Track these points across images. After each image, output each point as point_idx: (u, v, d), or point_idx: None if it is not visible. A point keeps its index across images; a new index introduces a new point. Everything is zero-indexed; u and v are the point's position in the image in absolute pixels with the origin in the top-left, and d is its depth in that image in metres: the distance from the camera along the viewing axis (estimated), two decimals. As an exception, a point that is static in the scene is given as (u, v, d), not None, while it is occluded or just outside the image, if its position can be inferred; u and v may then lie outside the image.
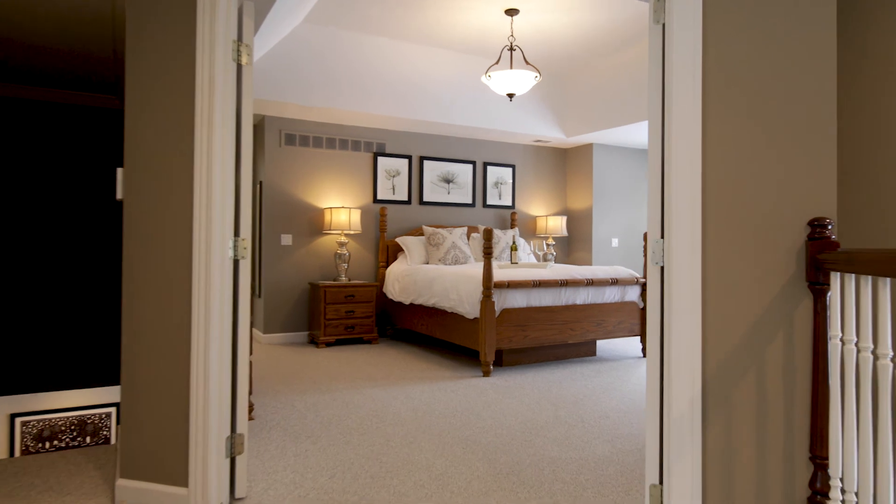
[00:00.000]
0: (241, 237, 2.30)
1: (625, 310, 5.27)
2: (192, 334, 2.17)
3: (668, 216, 1.76)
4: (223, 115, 2.20)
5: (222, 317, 2.21)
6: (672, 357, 1.70)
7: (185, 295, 2.19)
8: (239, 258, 2.30)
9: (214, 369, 2.18)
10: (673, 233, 1.71)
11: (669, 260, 1.73)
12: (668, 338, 1.72)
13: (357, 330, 5.93)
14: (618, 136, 6.99)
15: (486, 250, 4.56)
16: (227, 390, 2.24)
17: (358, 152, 6.45)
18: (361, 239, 6.46)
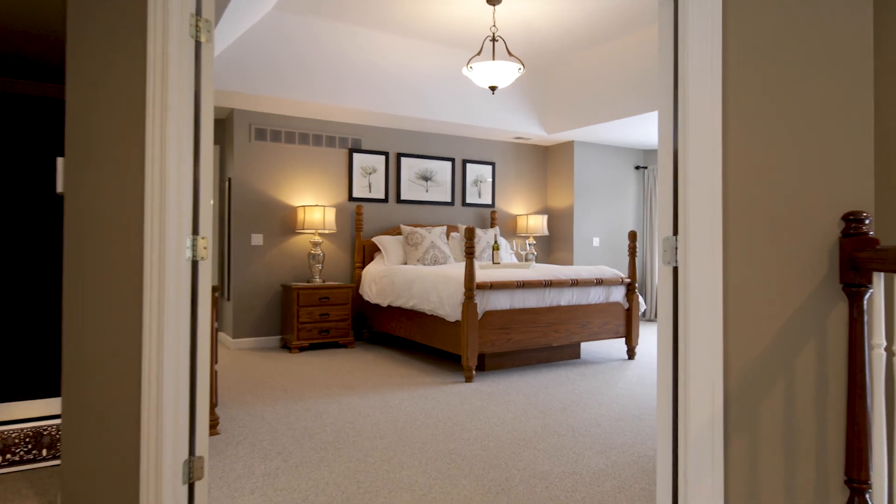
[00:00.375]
0: (200, 236, 2.05)
1: (610, 311, 5.12)
2: (143, 344, 1.91)
3: (683, 211, 1.57)
4: (179, 98, 1.95)
5: (178, 324, 1.96)
6: (690, 368, 1.51)
7: (136, 300, 1.93)
8: (198, 259, 2.05)
9: (169, 384, 1.92)
10: (690, 229, 1.52)
11: (685, 260, 1.54)
12: (685, 347, 1.53)
13: (332, 334, 5.67)
14: (599, 133, 6.85)
15: (468, 250, 4.35)
16: (184, 408, 1.99)
17: (332, 148, 6.19)
18: (336, 239, 6.20)
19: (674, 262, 1.63)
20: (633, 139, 7.27)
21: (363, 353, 5.53)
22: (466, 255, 4.35)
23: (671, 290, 1.64)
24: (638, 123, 6.36)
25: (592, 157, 7.49)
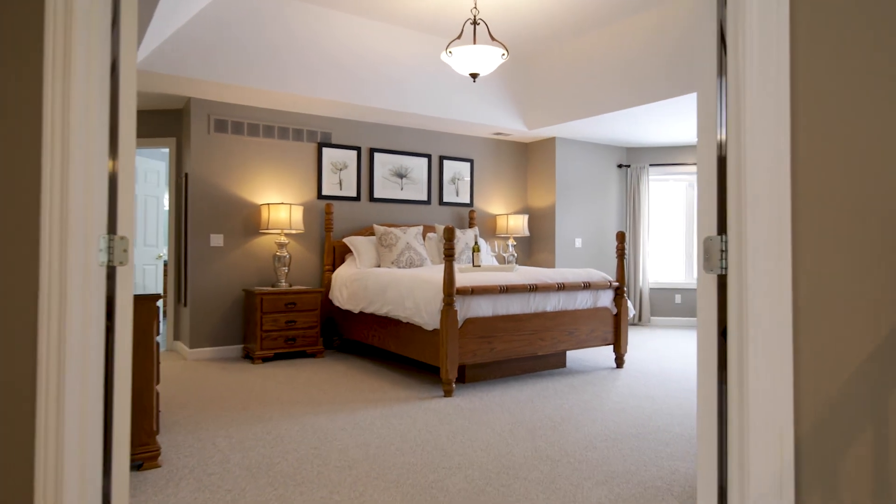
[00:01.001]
0: (118, 235, 1.64)
1: (598, 316, 4.80)
2: (38, 371, 1.49)
3: (735, 203, 1.22)
4: (89, 58, 1.54)
5: (87, 345, 1.54)
6: (749, 409, 1.16)
7: (30, 315, 1.51)
8: (115, 264, 1.63)
9: (72, 423, 1.51)
10: (748, 226, 1.18)
11: (741, 265, 1.19)
12: (740, 379, 1.18)
13: (299, 342, 5.24)
14: (582, 129, 6.55)
15: (447, 252, 3.98)
16: (95, 448, 1.57)
17: (300, 142, 5.75)
18: (304, 239, 5.77)
19: (719, 268, 1.28)
20: (615, 136, 6.99)
21: (333, 363, 5.11)
22: (445, 257, 3.97)
23: (715, 305, 1.29)
24: (622, 119, 6.07)
25: (574, 154, 7.19)
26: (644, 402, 3.81)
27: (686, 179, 7.67)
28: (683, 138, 7.13)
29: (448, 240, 3.98)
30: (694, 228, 7.67)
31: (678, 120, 6.08)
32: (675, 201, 7.78)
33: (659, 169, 7.66)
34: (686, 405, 3.75)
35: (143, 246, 6.39)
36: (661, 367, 4.98)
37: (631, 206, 7.62)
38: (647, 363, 5.13)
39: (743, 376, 1.17)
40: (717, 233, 1.30)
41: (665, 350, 5.79)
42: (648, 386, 4.28)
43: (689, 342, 6.25)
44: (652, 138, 7.12)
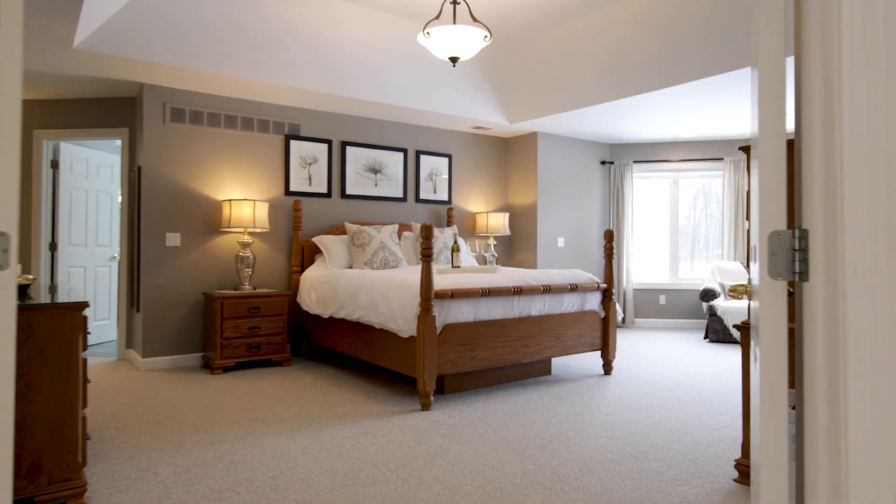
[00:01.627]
0: (-6, 229, 1.25)
1: (585, 321, 4.50)
2: None
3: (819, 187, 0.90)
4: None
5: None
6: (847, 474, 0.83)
7: None
8: (-9, 268, 1.25)
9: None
10: (845, 217, 0.85)
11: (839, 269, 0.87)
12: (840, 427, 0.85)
13: (264, 350, 4.83)
14: (564, 123, 6.26)
15: (425, 252, 3.63)
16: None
17: (266, 134, 5.34)
18: (270, 239, 5.36)
19: (789, 273, 0.96)
20: (599, 131, 6.72)
21: (301, 372, 4.72)
22: (423, 257, 3.63)
23: (784, 319, 0.97)
24: (606, 113, 5.80)
25: (556, 150, 6.91)
26: (639, 416, 3.52)
27: (670, 177, 7.44)
28: (668, 134, 6.90)
29: (426, 238, 3.63)
30: (680, 226, 7.46)
31: (665, 114, 5.84)
32: (659, 200, 7.56)
33: (643, 166, 7.42)
34: (685, 419, 3.47)
35: (95, 246, 5.90)
36: (651, 373, 4.70)
37: (614, 204, 7.37)
38: (636, 369, 4.86)
39: (843, 419, 0.85)
40: (786, 226, 0.97)
41: (652, 354, 5.53)
42: (640, 395, 3.99)
43: (676, 345, 6.00)
44: (636, 134, 6.88)
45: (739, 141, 7.19)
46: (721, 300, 6.36)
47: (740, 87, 4.86)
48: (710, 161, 7.24)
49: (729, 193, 7.06)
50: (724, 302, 6.25)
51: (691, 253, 7.49)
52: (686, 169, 7.34)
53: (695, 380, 4.46)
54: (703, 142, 7.28)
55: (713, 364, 5.07)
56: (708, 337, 6.24)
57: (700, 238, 7.48)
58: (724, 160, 7.10)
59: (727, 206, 7.06)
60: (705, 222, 7.47)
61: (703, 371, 4.78)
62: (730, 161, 7.06)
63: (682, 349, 5.81)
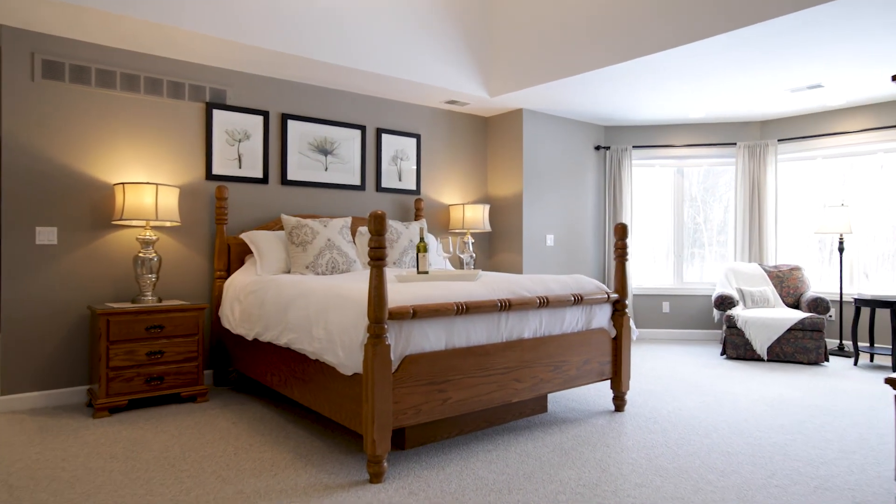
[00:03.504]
0: None
1: (592, 342, 3.44)
2: None
3: None
4: None
5: None
6: None
7: None
8: None
9: None
10: None
11: None
12: None
13: (169, 382, 3.66)
14: (554, 98, 5.19)
15: (375, 253, 2.51)
16: None
17: (180, 100, 4.16)
18: (185, 235, 4.18)
19: None
20: (593, 110, 5.68)
21: (217, 413, 3.56)
22: (373, 261, 2.51)
23: None
24: (601, 85, 4.75)
25: (545, 131, 5.84)
26: (681, 486, 2.45)
27: (673, 164, 6.45)
28: (672, 114, 5.89)
29: (377, 233, 2.51)
30: (685, 222, 6.47)
31: (669, 88, 4.81)
32: (662, 191, 6.56)
33: (643, 152, 6.41)
34: (745, 490, 2.41)
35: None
36: (673, 408, 3.66)
37: (610, 195, 6.34)
38: (653, 401, 3.81)
39: None
40: None
41: (666, 377, 4.49)
42: (672, 447, 2.94)
43: (690, 364, 4.99)
44: (635, 114, 5.86)
45: (755, 123, 6.22)
46: (740, 309, 5.37)
47: (763, 48, 3.85)
48: (721, 146, 6.26)
49: (743, 184, 6.09)
50: (744, 311, 5.26)
51: (698, 253, 6.51)
52: (693, 155, 6.35)
53: (734, 418, 3.43)
54: (714, 124, 6.29)
55: (747, 392, 4.05)
56: (726, 353, 5.25)
57: (709, 236, 6.50)
58: (738, 145, 6.12)
59: (741, 199, 6.09)
60: (715, 217, 6.49)
61: (740, 403, 3.76)
62: (744, 146, 6.09)
63: (700, 369, 4.79)
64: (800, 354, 4.99)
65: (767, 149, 5.98)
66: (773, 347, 5.06)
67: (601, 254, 6.37)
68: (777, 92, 5.04)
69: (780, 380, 4.41)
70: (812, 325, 4.94)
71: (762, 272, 5.71)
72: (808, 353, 4.97)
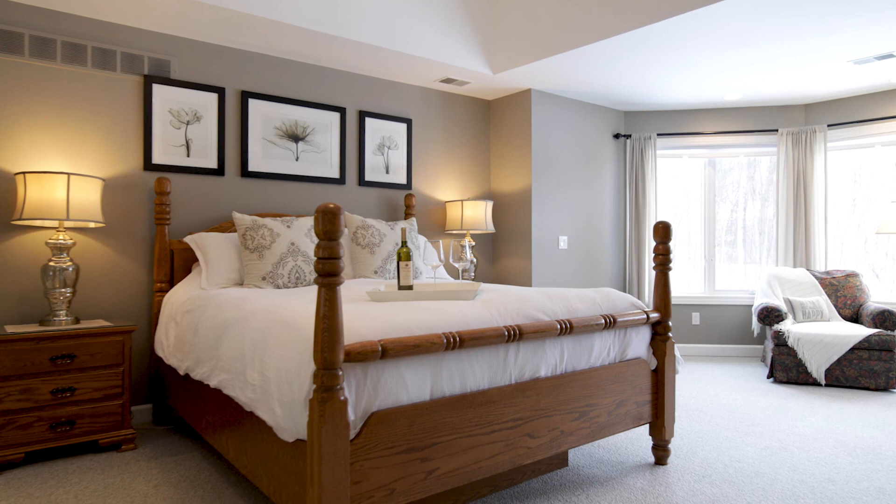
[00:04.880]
0: None
1: (628, 378, 2.63)
2: None
3: None
4: None
5: None
6: None
7: None
8: None
9: None
10: None
11: None
12: None
13: (82, 427, 2.86)
14: (567, 76, 4.38)
15: (323, 266, 1.70)
16: None
17: (110, 72, 3.37)
18: (115, 238, 3.38)
19: None
20: (612, 91, 4.87)
21: (140, 469, 2.75)
22: (321, 277, 1.70)
23: None
24: (622, 57, 3.95)
25: (557, 117, 5.03)
26: None
27: (704, 155, 5.63)
28: (704, 95, 5.07)
29: (327, 237, 1.70)
30: (718, 221, 5.65)
31: (699, 61, 4.00)
32: (691, 185, 5.74)
33: (669, 140, 5.59)
34: None
35: None
36: (730, 458, 2.84)
37: (632, 191, 5.53)
38: (702, 447, 2.99)
39: None
40: None
41: (712, 409, 3.68)
42: (746, 530, 2.12)
43: (734, 391, 4.17)
44: (660, 96, 5.04)
45: (798, 107, 5.40)
46: (790, 323, 4.54)
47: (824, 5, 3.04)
48: (760, 133, 5.44)
49: (786, 176, 5.26)
50: (795, 326, 4.44)
51: (733, 256, 5.69)
52: (727, 144, 5.53)
53: (811, 475, 2.62)
54: (751, 108, 5.47)
55: (816, 433, 3.23)
56: (774, 376, 4.42)
57: (745, 236, 5.67)
58: (780, 132, 5.30)
59: (784, 194, 5.27)
60: (752, 216, 5.67)
61: (813, 451, 2.94)
62: (787, 133, 5.27)
63: (748, 398, 3.97)
64: (865, 378, 4.17)
65: (815, 135, 5.15)
66: (832, 370, 4.23)
67: (620, 258, 5.55)
68: (837, 64, 4.22)
69: (849, 414, 3.59)
70: (880, 343, 4.11)
71: (812, 279, 4.88)
72: (876, 378, 4.15)
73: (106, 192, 3.33)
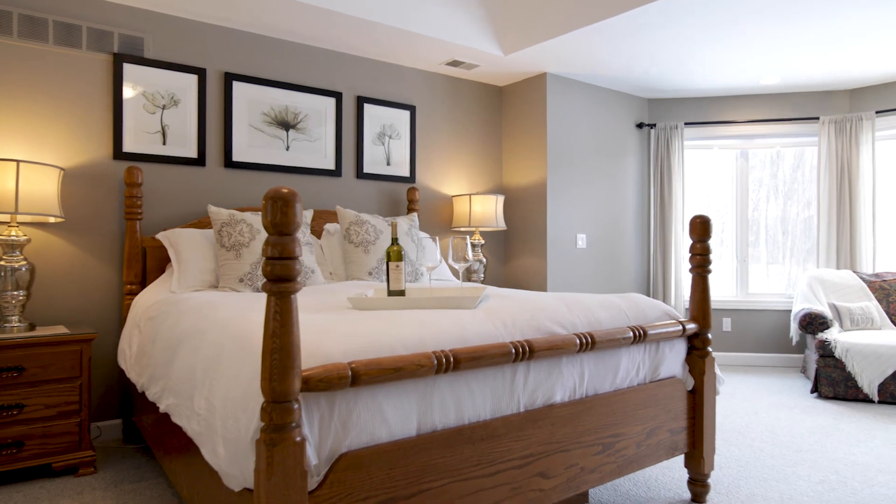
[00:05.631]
0: None
1: (660, 400, 2.21)
2: None
3: None
4: None
5: None
6: None
7: None
8: None
9: None
10: None
11: None
12: None
13: (32, 449, 2.52)
14: (588, 58, 3.95)
15: (273, 269, 1.31)
16: None
17: (74, 50, 3.03)
18: (79, 235, 3.04)
19: None
20: (635, 75, 4.43)
21: (96, 500, 2.40)
22: (270, 282, 1.31)
23: None
24: (648, 36, 3.51)
25: (575, 103, 4.60)
26: None
27: (737, 146, 5.16)
28: (738, 79, 4.62)
29: (278, 231, 1.30)
30: (751, 218, 5.18)
31: (733, 35, 3.55)
32: (722, 179, 5.27)
33: (698, 130, 5.13)
34: None
35: None
36: (782, 495, 2.41)
37: (657, 185, 5.08)
38: (746, 479, 2.56)
39: None
40: None
41: (753, 430, 3.23)
42: None
43: (776, 407, 3.71)
44: (687, 80, 4.60)
45: (842, 92, 4.91)
46: (836, 331, 4.07)
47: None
48: (799, 122, 4.96)
49: (828, 169, 4.78)
50: (843, 335, 3.97)
51: (768, 257, 5.21)
52: (761, 134, 5.06)
53: (886, 522, 2.18)
54: (789, 93, 5.00)
55: (877, 461, 2.78)
56: (819, 391, 3.96)
57: (782, 236, 5.20)
58: (821, 120, 4.81)
59: (826, 189, 4.78)
60: (790, 213, 5.19)
61: (879, 486, 2.49)
62: (829, 121, 4.78)
63: (793, 417, 3.52)
64: (924, 395, 3.70)
65: (861, 124, 4.67)
66: (886, 385, 3.76)
67: (644, 259, 5.11)
68: (888, 43, 3.75)
69: (913, 438, 3.12)
70: (943, 355, 3.64)
71: (860, 282, 4.40)
72: (938, 394, 3.67)
73: (68, 182, 2.98)
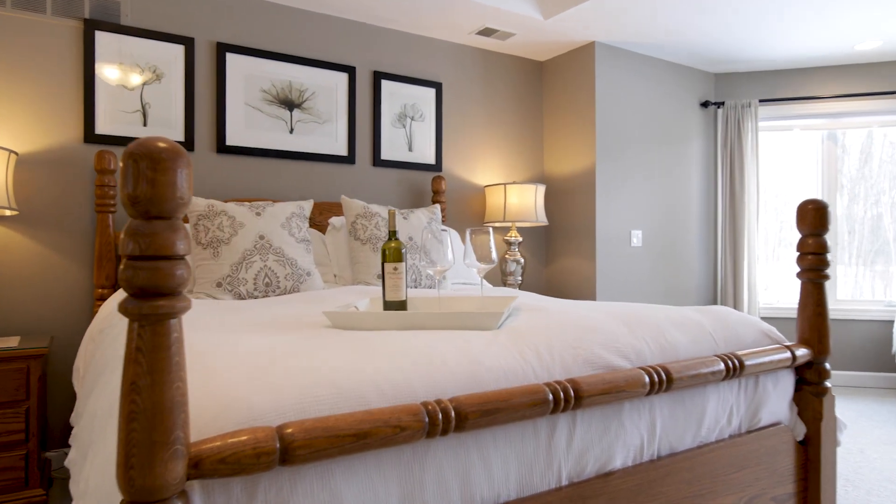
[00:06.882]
0: None
1: (761, 457, 1.58)
2: None
3: None
4: None
5: None
6: None
7: None
8: None
9: None
10: None
11: None
12: None
13: (-40, 491, 2.08)
14: (644, 23, 3.30)
15: (137, 279, 0.77)
16: None
17: (37, 15, 2.60)
18: (41, 229, 2.61)
19: None
20: (699, 44, 3.74)
21: (29, 554, 1.94)
22: (131, 299, 0.77)
23: None
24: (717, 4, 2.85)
25: (628, 79, 3.95)
26: None
27: (823, 126, 4.38)
28: (827, 47, 3.87)
29: (144, 211, 0.77)
30: (841, 213, 4.40)
31: None
32: (804, 166, 4.51)
33: (774, 108, 4.39)
34: None
35: None
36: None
37: (726, 173, 4.36)
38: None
39: None
40: None
41: (860, 474, 2.53)
42: None
43: (882, 438, 2.98)
44: (762, 49, 3.87)
45: (954, 59, 4.08)
46: (960, 349, 3.29)
47: None
48: (901, 96, 4.16)
49: (940, 151, 3.97)
50: (970, 354, 3.19)
51: (863, 258, 4.42)
52: (853, 112, 4.28)
53: None
54: (887, 62, 4.20)
55: None
56: (939, 423, 3.19)
57: (881, 233, 4.39)
58: (930, 92, 4.01)
59: (937, 174, 3.97)
60: (889, 205, 4.38)
61: None
62: (941, 93, 3.97)
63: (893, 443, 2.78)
64: None
65: (983, 95, 3.84)
66: None
67: (710, 259, 4.40)
68: None
69: None
70: None
71: None
72: None
73: (26, 169, 2.56)
